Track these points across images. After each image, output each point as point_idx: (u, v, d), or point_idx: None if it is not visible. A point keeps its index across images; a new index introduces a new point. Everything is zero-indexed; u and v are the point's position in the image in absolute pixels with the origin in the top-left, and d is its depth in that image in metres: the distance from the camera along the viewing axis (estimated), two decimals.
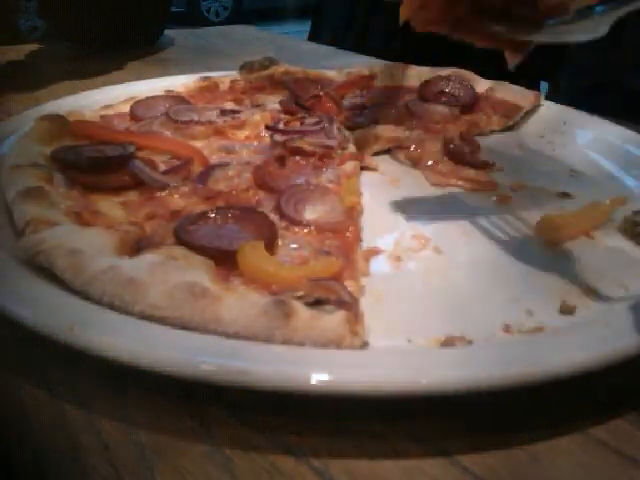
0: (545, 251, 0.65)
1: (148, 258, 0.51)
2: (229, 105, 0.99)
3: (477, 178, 0.81)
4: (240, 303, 0.46)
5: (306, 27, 2.15)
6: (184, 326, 0.46)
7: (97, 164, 0.70)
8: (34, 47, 1.59)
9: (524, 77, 1.23)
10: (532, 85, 1.11)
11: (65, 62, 1.44)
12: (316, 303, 0.48)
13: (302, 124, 0.88)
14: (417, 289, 0.58)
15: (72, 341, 0.44)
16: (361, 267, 0.58)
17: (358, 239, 0.63)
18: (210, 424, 0.44)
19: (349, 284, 0.53)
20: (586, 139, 0.93)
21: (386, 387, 0.41)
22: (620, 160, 0.85)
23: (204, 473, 0.40)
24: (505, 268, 0.62)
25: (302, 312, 0.46)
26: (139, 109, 0.93)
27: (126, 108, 0.94)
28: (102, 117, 0.90)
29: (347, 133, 0.88)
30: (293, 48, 1.73)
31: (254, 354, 0.43)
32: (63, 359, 0.48)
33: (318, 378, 0.40)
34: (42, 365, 0.49)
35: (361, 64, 1.18)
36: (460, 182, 0.80)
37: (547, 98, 1.05)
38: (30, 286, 0.50)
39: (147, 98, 0.96)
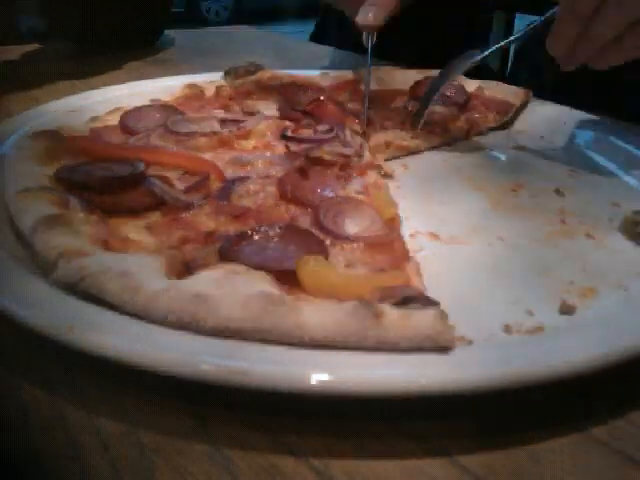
0: (545, 251, 0.65)
1: (208, 274, 0.49)
2: (218, 112, 0.95)
3: None
4: (321, 309, 0.45)
5: (306, 27, 2.15)
6: (263, 337, 0.44)
7: (110, 184, 0.66)
8: (34, 47, 1.59)
9: None
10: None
11: (65, 62, 1.44)
12: (403, 303, 0.47)
13: (315, 132, 0.87)
14: None
15: (72, 341, 0.44)
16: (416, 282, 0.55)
17: (407, 253, 0.60)
18: (210, 424, 0.44)
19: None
20: (586, 139, 0.93)
21: (386, 387, 0.41)
22: (620, 160, 0.85)
23: (204, 473, 0.40)
24: (505, 268, 0.62)
25: (390, 312, 0.45)
26: (130, 120, 0.88)
27: (113, 119, 0.89)
28: (92, 130, 0.85)
29: (361, 140, 0.87)
30: (293, 48, 1.73)
31: (254, 354, 0.43)
32: (63, 359, 0.48)
33: (318, 378, 0.40)
34: (42, 365, 0.49)
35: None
36: None
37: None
38: (30, 286, 0.50)
39: (135, 109, 0.91)
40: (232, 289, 0.46)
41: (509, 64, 1.97)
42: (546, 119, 1.00)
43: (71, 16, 1.49)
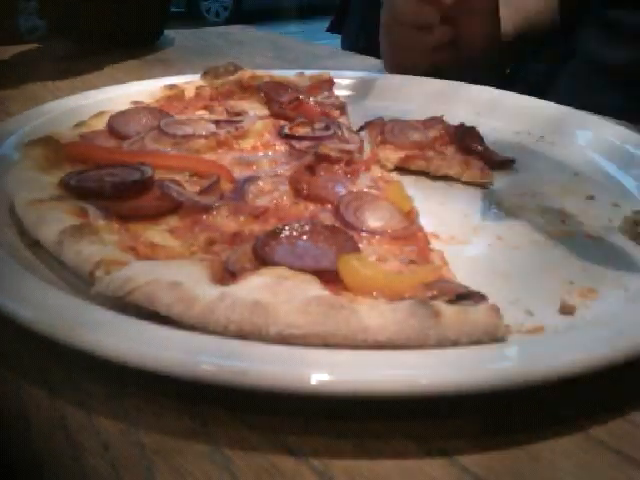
0: (545, 251, 0.65)
1: (256, 280, 0.48)
2: (202, 113, 0.95)
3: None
4: (378, 310, 0.45)
5: (306, 27, 2.16)
6: (325, 342, 0.44)
7: (124, 190, 0.65)
8: (34, 47, 1.59)
9: None
10: None
11: (65, 62, 1.44)
12: (457, 299, 0.48)
13: (312, 130, 0.88)
14: None
15: (72, 341, 0.44)
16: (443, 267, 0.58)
17: (428, 242, 0.62)
18: (210, 424, 0.44)
19: None
20: (586, 139, 0.93)
21: (386, 387, 0.41)
22: (620, 160, 0.85)
23: (204, 473, 0.40)
24: (505, 268, 0.62)
25: (446, 309, 0.46)
26: (118, 125, 0.86)
27: (98, 124, 0.87)
28: (81, 136, 0.82)
29: (362, 134, 0.88)
30: (293, 48, 1.73)
31: (254, 354, 0.43)
32: (63, 359, 0.48)
33: (318, 378, 0.40)
34: (42, 365, 0.49)
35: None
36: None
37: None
38: (30, 286, 0.50)
39: (120, 112, 0.89)
40: (288, 295, 0.46)
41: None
42: (546, 119, 1.00)
43: (70, 15, 1.49)
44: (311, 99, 1.00)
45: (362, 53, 1.58)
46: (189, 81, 1.07)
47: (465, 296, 0.48)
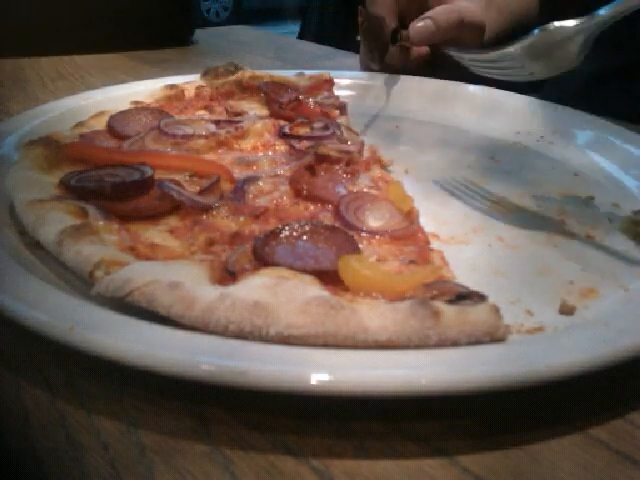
0: (545, 251, 0.65)
1: (256, 281, 0.48)
2: (201, 113, 0.95)
3: None
4: (378, 310, 0.45)
5: None
6: (326, 342, 0.44)
7: (124, 190, 0.65)
8: (34, 47, 1.59)
9: None
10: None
11: (65, 63, 1.44)
12: (457, 299, 0.48)
13: (312, 130, 0.88)
14: None
15: (72, 341, 0.44)
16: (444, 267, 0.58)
17: (428, 242, 0.62)
18: (210, 424, 0.44)
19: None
20: (586, 139, 0.93)
21: (386, 387, 0.41)
22: (620, 160, 0.85)
23: (204, 473, 0.40)
24: (505, 268, 0.62)
25: (446, 309, 0.46)
26: (118, 125, 0.86)
27: (98, 124, 0.87)
28: (82, 136, 0.82)
29: (361, 135, 0.88)
30: (293, 48, 1.73)
31: (254, 354, 0.43)
32: (63, 359, 0.48)
33: (318, 378, 0.40)
34: (42, 365, 0.49)
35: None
36: None
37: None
38: (30, 286, 0.50)
39: (120, 112, 0.89)
40: (288, 295, 0.46)
41: None
42: (546, 119, 1.00)
43: None
44: (311, 99, 1.00)
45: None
46: (189, 81, 1.07)
47: (465, 296, 0.48)
